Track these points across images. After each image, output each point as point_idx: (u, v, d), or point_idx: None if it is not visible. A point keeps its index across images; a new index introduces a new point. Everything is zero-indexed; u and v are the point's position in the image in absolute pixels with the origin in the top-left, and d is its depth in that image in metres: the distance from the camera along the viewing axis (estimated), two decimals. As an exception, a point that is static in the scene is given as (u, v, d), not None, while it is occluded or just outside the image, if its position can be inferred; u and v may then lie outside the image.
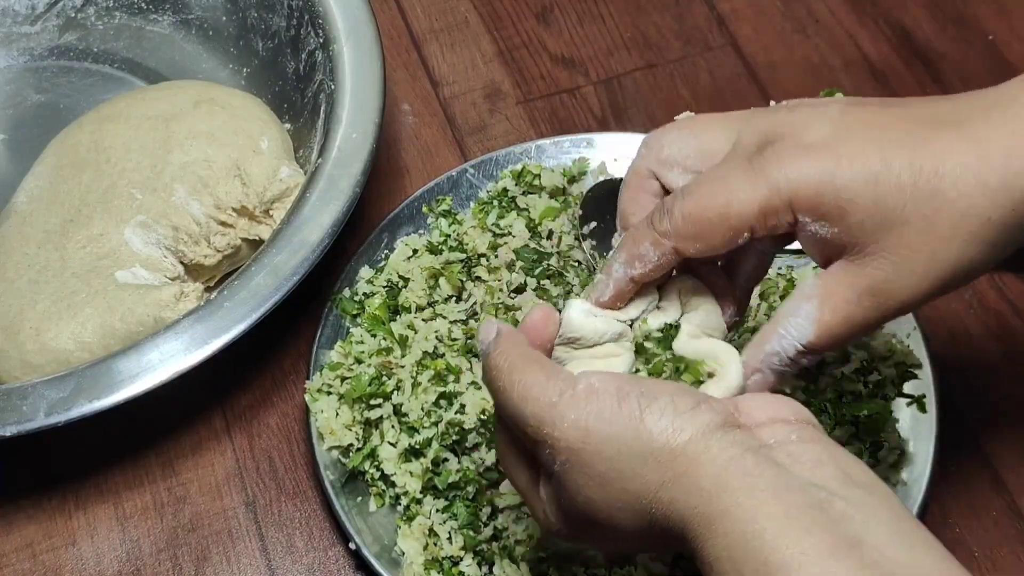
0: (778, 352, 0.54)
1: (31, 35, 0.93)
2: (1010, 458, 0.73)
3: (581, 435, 0.49)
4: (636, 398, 0.49)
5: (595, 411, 0.49)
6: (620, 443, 0.48)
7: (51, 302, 0.74)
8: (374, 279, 0.78)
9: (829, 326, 0.52)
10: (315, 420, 0.72)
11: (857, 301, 0.52)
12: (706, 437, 0.47)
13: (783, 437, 0.48)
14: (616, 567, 0.66)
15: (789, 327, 0.53)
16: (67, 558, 0.72)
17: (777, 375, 0.54)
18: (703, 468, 0.47)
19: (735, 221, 0.52)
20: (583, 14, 0.95)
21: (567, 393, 0.50)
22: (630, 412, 0.49)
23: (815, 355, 0.53)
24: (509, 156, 0.82)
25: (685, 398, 0.49)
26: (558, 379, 0.51)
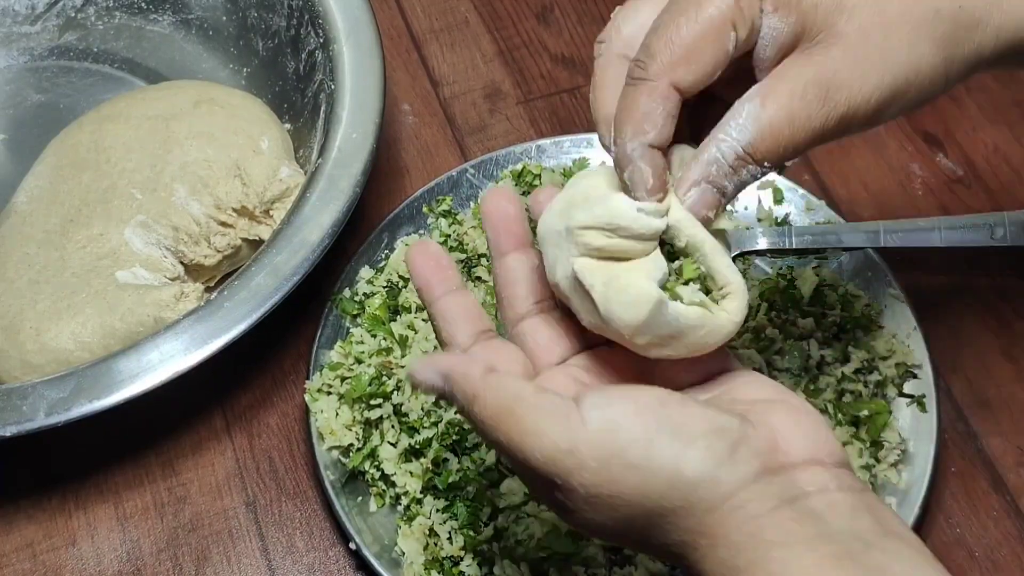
0: (717, 159, 0.49)
1: (31, 35, 0.93)
2: (1010, 458, 0.73)
3: (606, 484, 0.45)
4: (669, 442, 0.45)
5: (620, 458, 0.44)
6: (651, 492, 0.45)
7: (51, 302, 0.74)
8: (374, 279, 0.78)
9: (771, 123, 0.48)
10: (315, 420, 0.72)
11: (802, 93, 0.48)
12: (746, 490, 0.45)
13: (822, 484, 0.46)
14: (616, 567, 0.66)
15: (729, 129, 0.49)
16: (67, 558, 0.72)
17: (717, 190, 0.49)
18: (737, 521, 0.44)
19: (717, 22, 0.48)
20: (583, 14, 0.95)
21: (580, 434, 0.45)
22: (663, 460, 0.44)
23: (757, 167, 0.49)
24: (509, 156, 0.82)
25: (722, 442, 0.45)
26: (561, 415, 0.45)
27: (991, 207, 0.82)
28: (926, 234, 0.77)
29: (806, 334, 0.73)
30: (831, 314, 0.73)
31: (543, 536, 0.67)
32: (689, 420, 0.46)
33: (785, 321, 0.73)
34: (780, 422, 0.47)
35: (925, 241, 0.77)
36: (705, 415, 0.46)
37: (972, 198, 0.83)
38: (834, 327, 0.73)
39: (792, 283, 0.75)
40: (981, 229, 0.77)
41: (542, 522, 0.67)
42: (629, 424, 0.45)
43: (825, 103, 0.48)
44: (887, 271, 0.75)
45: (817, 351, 0.71)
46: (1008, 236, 0.76)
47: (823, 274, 0.75)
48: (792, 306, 0.74)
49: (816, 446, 0.47)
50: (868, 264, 0.76)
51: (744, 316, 0.49)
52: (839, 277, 0.76)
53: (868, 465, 0.69)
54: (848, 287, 0.75)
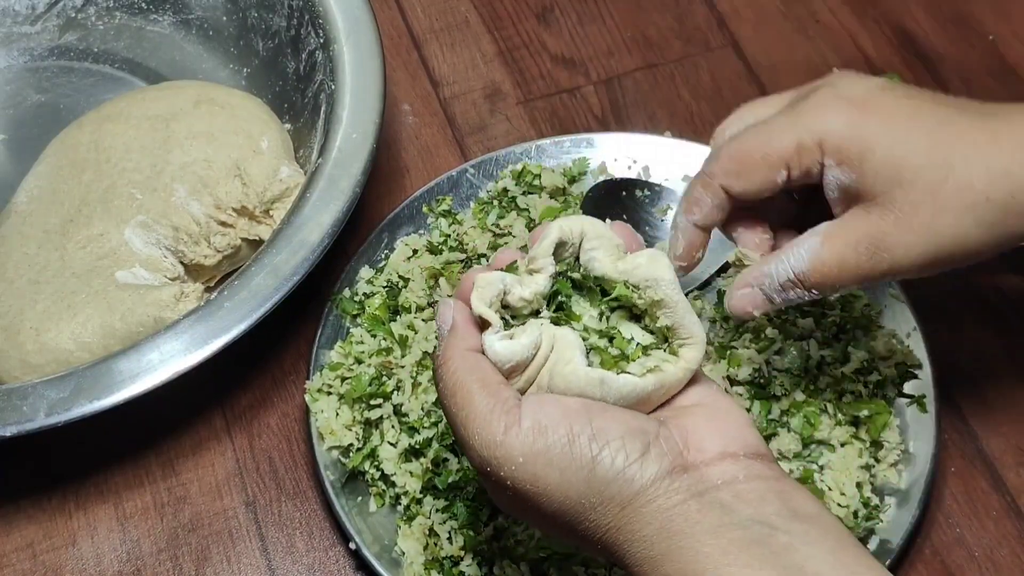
0: (771, 274, 0.58)
1: (31, 35, 0.93)
2: (1010, 458, 0.73)
3: (530, 479, 0.49)
4: (588, 441, 0.49)
5: (544, 455, 0.49)
6: (570, 490, 0.49)
7: (51, 302, 0.74)
8: (374, 279, 0.78)
9: (824, 262, 0.56)
10: (315, 420, 0.72)
11: (855, 245, 0.56)
12: (655, 486, 0.48)
13: (730, 476, 0.49)
14: (616, 567, 0.66)
15: (790, 255, 0.57)
16: (67, 558, 0.72)
17: (763, 298, 0.59)
18: (648, 516, 0.48)
19: (773, 158, 0.56)
20: (583, 14, 0.95)
21: (512, 430, 0.49)
22: (581, 457, 0.49)
23: (802, 292, 0.58)
24: (509, 156, 0.82)
25: (635, 441, 0.49)
26: (502, 410, 0.50)
27: (991, 207, 0.82)
28: (926, 234, 0.77)
29: (806, 334, 0.73)
30: (831, 314, 0.73)
31: (543, 536, 0.67)
32: (608, 424, 0.50)
33: (785, 321, 0.73)
34: (695, 423, 0.51)
35: (925, 241, 0.77)
36: (623, 419, 0.50)
37: (972, 198, 0.83)
38: (834, 327, 0.73)
39: (792, 283, 0.75)
40: (981, 229, 0.77)
41: (542, 522, 0.67)
42: (555, 426, 0.49)
43: (873, 258, 0.56)
44: (887, 271, 0.75)
45: (817, 351, 0.71)
46: (1008, 236, 0.76)
47: (823, 274, 0.75)
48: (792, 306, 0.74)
49: (727, 441, 0.51)
50: (868, 264, 0.76)
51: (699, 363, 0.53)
52: (839, 277, 0.76)
53: (868, 465, 0.69)
54: (848, 287, 0.75)
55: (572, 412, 0.50)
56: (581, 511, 0.49)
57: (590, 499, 0.49)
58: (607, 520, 0.49)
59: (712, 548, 0.46)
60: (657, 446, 0.49)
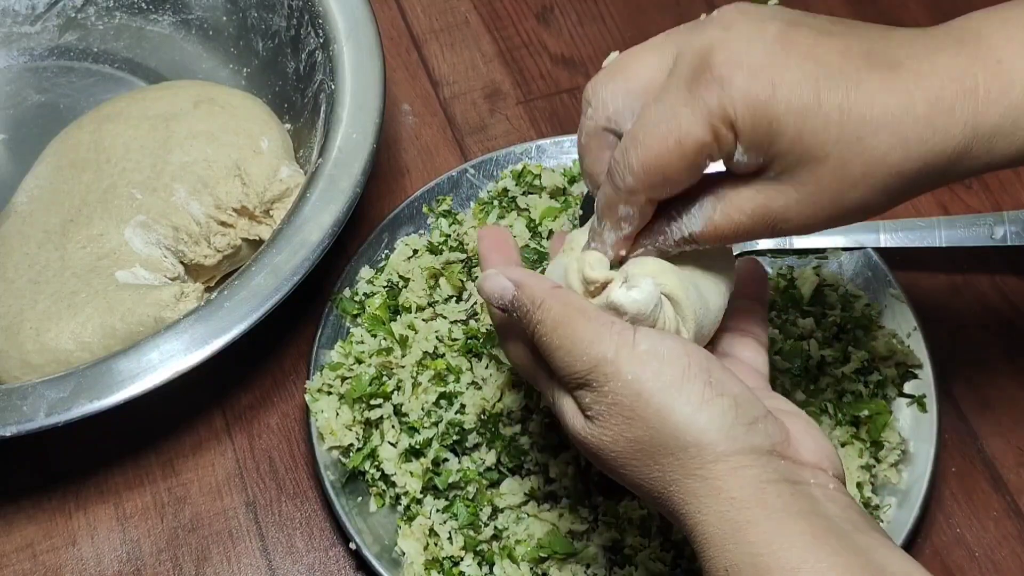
0: (665, 232, 0.55)
1: (31, 35, 0.93)
2: (1010, 458, 0.73)
3: (633, 396, 0.48)
4: (703, 383, 0.49)
5: (656, 377, 0.48)
6: (670, 420, 0.48)
7: (51, 302, 0.74)
8: (374, 279, 0.78)
9: (717, 227, 0.53)
10: (315, 420, 0.72)
11: (751, 214, 0.52)
12: (753, 456, 0.48)
13: (823, 480, 0.50)
14: (616, 567, 0.66)
15: (683, 214, 0.54)
16: (67, 558, 0.72)
17: (658, 253, 0.56)
18: (740, 480, 0.48)
19: (693, 156, 0.51)
20: (583, 14, 0.95)
21: (624, 350, 0.49)
22: (692, 395, 0.48)
23: (698, 246, 0.55)
24: (509, 156, 0.82)
25: (749, 408, 0.49)
26: (612, 331, 0.50)
27: (991, 207, 0.82)
28: (926, 234, 0.77)
29: (806, 334, 0.73)
30: (831, 314, 0.73)
31: (543, 536, 0.67)
32: (726, 380, 0.50)
33: (785, 321, 0.73)
34: (795, 427, 0.52)
35: (925, 241, 0.77)
36: (740, 385, 0.50)
37: (972, 198, 0.83)
38: (834, 327, 0.73)
39: (792, 283, 0.75)
40: (981, 229, 0.77)
41: (542, 522, 0.67)
42: (673, 358, 0.49)
43: (768, 227, 0.53)
44: (887, 271, 0.75)
45: (817, 351, 0.71)
46: (1008, 236, 0.77)
47: (823, 274, 0.75)
48: (792, 306, 0.74)
49: (822, 456, 0.51)
50: (868, 264, 0.76)
51: None
52: (839, 277, 0.76)
53: (868, 465, 0.69)
54: (848, 287, 0.75)
55: (694, 352, 0.50)
56: (670, 449, 0.48)
57: (685, 438, 0.48)
58: (694, 466, 0.48)
59: (802, 528, 0.46)
60: (765, 424, 0.49)
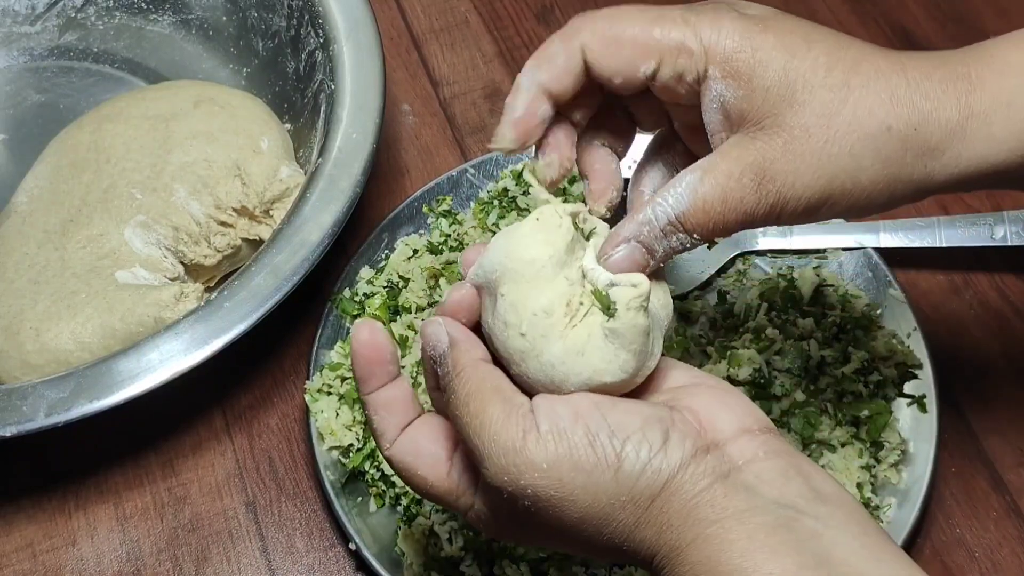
0: (650, 220, 0.51)
1: (31, 35, 0.93)
2: (1010, 458, 0.73)
3: (555, 485, 0.47)
4: (608, 438, 0.47)
5: (568, 459, 0.47)
6: (598, 491, 0.47)
7: (51, 302, 0.74)
8: (374, 279, 0.78)
9: (705, 198, 0.50)
10: (315, 420, 0.72)
11: (739, 175, 0.49)
12: (681, 472, 0.47)
13: (751, 454, 0.48)
14: (616, 567, 0.66)
15: (667, 195, 0.50)
16: (67, 558, 0.72)
17: (646, 251, 0.51)
18: (676, 504, 0.47)
19: (649, 44, 0.50)
20: (583, 14, 0.95)
21: (531, 435, 0.47)
22: (605, 457, 0.47)
23: (687, 236, 0.51)
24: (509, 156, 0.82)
25: (654, 429, 0.48)
26: (518, 416, 0.48)
27: (991, 207, 0.82)
28: (926, 234, 0.77)
29: (806, 334, 0.73)
30: (831, 314, 0.73)
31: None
32: (623, 417, 0.48)
33: (785, 321, 0.73)
34: (702, 403, 0.50)
35: (925, 241, 0.77)
36: (636, 410, 0.48)
37: (972, 198, 0.83)
38: (834, 327, 0.73)
39: (792, 283, 0.75)
40: (981, 229, 0.77)
41: (542, 522, 0.67)
42: (571, 428, 0.47)
43: (758, 190, 0.50)
44: (887, 271, 0.75)
45: (817, 351, 0.71)
46: (1008, 236, 0.77)
47: (823, 274, 0.75)
48: (792, 306, 0.74)
49: (740, 416, 0.49)
50: (868, 264, 0.76)
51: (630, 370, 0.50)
52: (839, 277, 0.76)
53: (868, 465, 0.69)
54: (848, 287, 0.75)
55: (584, 411, 0.48)
56: (610, 512, 0.47)
57: (619, 498, 0.47)
58: (635, 517, 0.47)
59: (738, 534, 0.45)
60: (676, 430, 0.48)
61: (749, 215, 0.50)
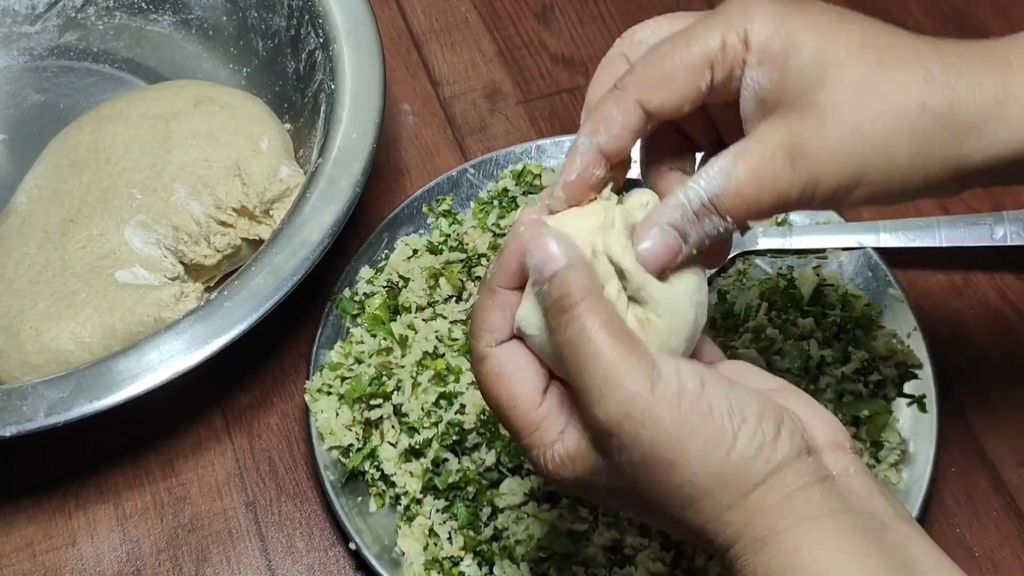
0: (683, 204, 0.49)
1: (31, 35, 0.93)
2: (1010, 458, 0.73)
3: (672, 443, 0.46)
4: (727, 414, 0.47)
5: (689, 422, 0.46)
6: (708, 463, 0.46)
7: (51, 302, 0.74)
8: (374, 279, 0.78)
9: (739, 179, 0.49)
10: (315, 420, 0.72)
11: (771, 156, 0.49)
12: (786, 465, 0.47)
13: (843, 467, 0.49)
14: (616, 567, 0.66)
15: (699, 178, 0.50)
16: (67, 558, 0.72)
17: (679, 234, 0.50)
18: (773, 495, 0.47)
19: (697, 59, 0.49)
20: (583, 14, 0.95)
21: (659, 386, 0.46)
22: (722, 432, 0.46)
23: (721, 220, 0.50)
24: (509, 156, 0.82)
25: (770, 420, 0.47)
26: (646, 364, 0.47)
27: (991, 207, 0.82)
28: (926, 234, 0.77)
29: (806, 334, 0.73)
30: (831, 314, 0.73)
31: (543, 536, 0.67)
32: (743, 398, 0.48)
33: (785, 321, 0.73)
34: (801, 409, 0.50)
35: (925, 241, 0.77)
36: (752, 396, 0.48)
37: (972, 198, 0.83)
38: (834, 327, 0.73)
39: (792, 283, 0.75)
40: (981, 229, 0.77)
41: (542, 522, 0.67)
42: (696, 392, 0.47)
43: (791, 170, 0.49)
44: (887, 271, 0.75)
45: (817, 351, 0.71)
46: (1008, 236, 0.77)
47: (823, 274, 0.75)
48: (792, 306, 0.74)
49: (834, 431, 0.50)
50: (868, 264, 0.76)
51: None
52: (839, 277, 0.76)
53: (868, 465, 0.69)
54: (848, 287, 0.75)
55: (710, 381, 0.47)
56: (711, 487, 0.47)
57: (725, 476, 0.47)
58: (731, 499, 0.47)
59: (832, 531, 0.46)
60: (786, 426, 0.48)
61: (783, 196, 0.49)
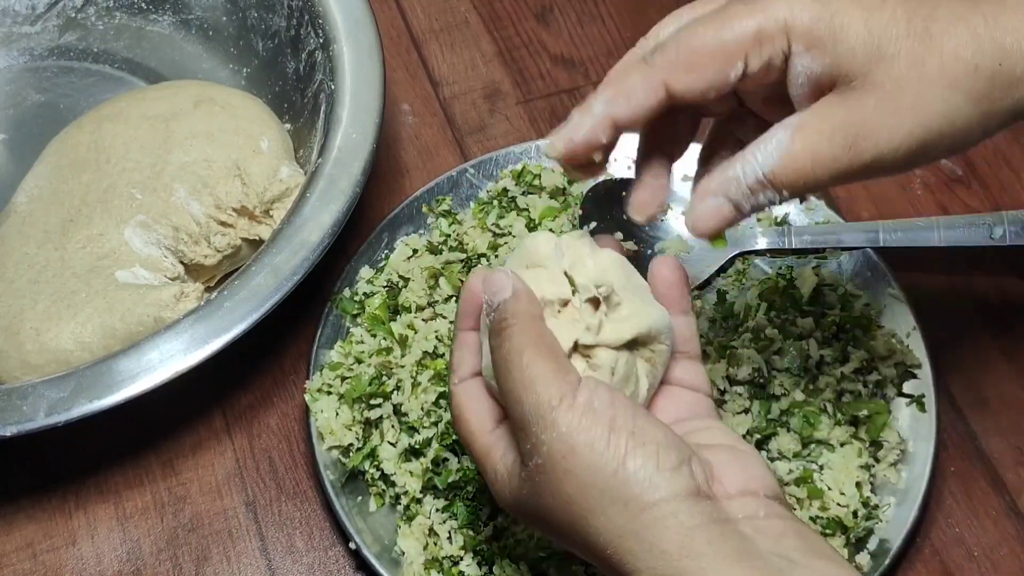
0: (738, 177, 0.51)
1: (31, 35, 0.93)
2: (1010, 458, 0.73)
3: (566, 450, 0.49)
4: (626, 436, 0.49)
5: (585, 433, 0.49)
6: (597, 475, 0.48)
7: (51, 302, 0.74)
8: (374, 279, 0.78)
9: (795, 156, 0.49)
10: (315, 420, 0.72)
11: (830, 134, 0.49)
12: (677, 501, 0.48)
13: (751, 512, 0.49)
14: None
15: (756, 152, 0.50)
16: (67, 558, 0.72)
17: (732, 206, 0.51)
18: (669, 531, 0.47)
19: (730, 47, 0.49)
20: (583, 14, 0.95)
21: (567, 400, 0.50)
22: (616, 449, 0.49)
23: (776, 193, 0.51)
24: (509, 156, 0.82)
25: (670, 454, 0.49)
26: (563, 379, 0.50)
27: (991, 207, 0.82)
28: (926, 234, 0.77)
29: (806, 334, 0.73)
30: (831, 314, 0.73)
31: (543, 536, 0.67)
32: (649, 428, 0.50)
33: (785, 321, 0.73)
34: (720, 460, 0.51)
35: (925, 241, 0.77)
36: (665, 431, 0.50)
37: (972, 198, 0.83)
38: (834, 327, 0.73)
39: (792, 283, 0.75)
40: (980, 229, 0.77)
41: (542, 522, 0.67)
42: (603, 409, 0.50)
43: (851, 149, 0.49)
44: (887, 271, 0.75)
45: (817, 351, 0.71)
46: (1007, 236, 0.76)
47: (823, 274, 0.75)
48: (792, 306, 0.74)
49: (749, 479, 0.51)
50: (868, 264, 0.76)
51: None
52: (839, 277, 0.76)
53: (868, 465, 0.69)
54: (848, 287, 0.75)
55: (621, 405, 0.50)
56: (602, 504, 0.48)
57: (611, 493, 0.48)
58: (623, 521, 0.48)
59: (736, 572, 0.46)
60: (688, 466, 0.49)
61: (842, 172, 0.50)
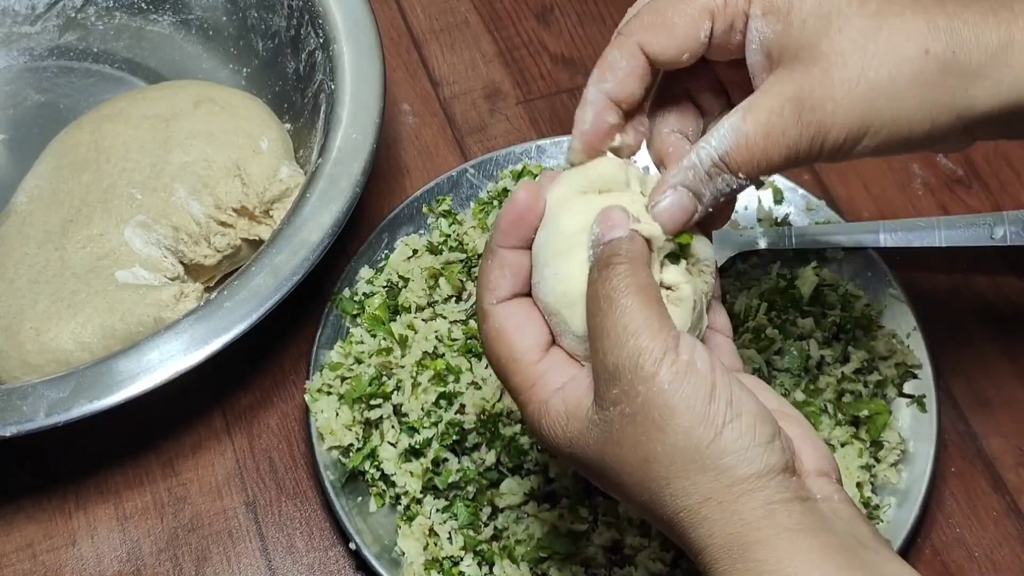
0: (695, 164, 0.51)
1: (31, 35, 0.93)
2: (1010, 458, 0.73)
3: (663, 407, 0.47)
4: (724, 405, 0.47)
5: (686, 395, 0.47)
6: (691, 440, 0.47)
7: (51, 302, 0.74)
8: (374, 279, 0.78)
9: (748, 135, 0.50)
10: (315, 420, 0.72)
11: (780, 109, 0.50)
12: (768, 476, 0.47)
13: (827, 494, 0.49)
14: (616, 567, 0.66)
15: (710, 137, 0.51)
16: (67, 558, 0.72)
17: (693, 195, 0.52)
18: (753, 501, 0.47)
19: (697, 7, 0.51)
20: (583, 14, 0.95)
21: (671, 355, 0.47)
22: (715, 417, 0.47)
23: (733, 176, 0.51)
24: (509, 156, 0.82)
25: (766, 426, 0.48)
26: (668, 332, 0.48)
27: (991, 207, 0.82)
28: (926, 234, 0.77)
29: (806, 334, 0.73)
30: (831, 314, 0.73)
31: (543, 536, 0.67)
32: (744, 399, 0.48)
33: (785, 321, 0.73)
34: (795, 433, 0.50)
35: (925, 241, 0.77)
36: (757, 402, 0.49)
37: (972, 198, 0.83)
38: (834, 327, 0.73)
39: (792, 283, 0.75)
40: (981, 229, 0.77)
41: (542, 522, 0.67)
42: (706, 373, 0.48)
43: (799, 122, 0.50)
44: (887, 271, 0.75)
45: (817, 351, 0.71)
46: (1008, 236, 0.77)
47: (823, 274, 0.75)
48: (792, 306, 0.74)
49: (822, 461, 0.50)
50: (868, 264, 0.76)
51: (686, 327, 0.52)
52: (839, 277, 0.76)
53: (868, 465, 0.69)
54: (848, 287, 0.75)
55: (719, 369, 0.48)
56: (690, 469, 0.47)
57: (705, 461, 0.47)
58: (708, 490, 0.47)
59: (812, 546, 0.46)
60: (779, 440, 0.48)
61: (792, 149, 0.50)
